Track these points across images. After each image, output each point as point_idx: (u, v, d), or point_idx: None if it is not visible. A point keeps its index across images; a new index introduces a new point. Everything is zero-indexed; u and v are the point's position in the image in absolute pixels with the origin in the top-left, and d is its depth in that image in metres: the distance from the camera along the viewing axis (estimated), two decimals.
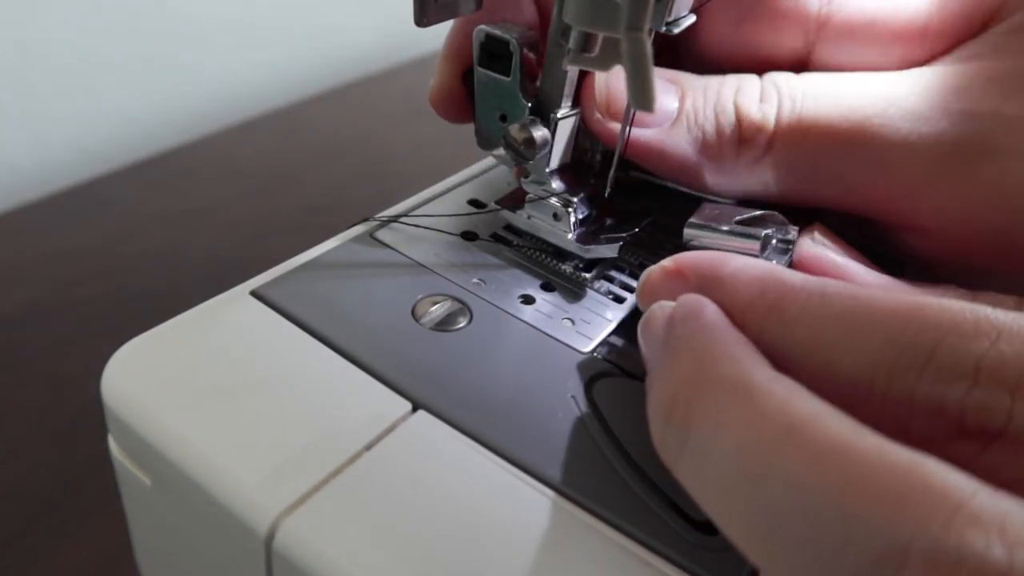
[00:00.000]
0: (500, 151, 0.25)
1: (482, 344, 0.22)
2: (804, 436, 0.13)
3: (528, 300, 0.24)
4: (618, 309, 0.24)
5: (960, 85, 0.22)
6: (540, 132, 0.23)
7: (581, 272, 0.25)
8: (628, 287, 0.25)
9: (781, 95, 0.23)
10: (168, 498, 0.20)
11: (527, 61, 0.23)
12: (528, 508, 0.17)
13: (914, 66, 0.24)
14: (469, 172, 0.30)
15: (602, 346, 0.22)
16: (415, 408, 0.19)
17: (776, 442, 0.13)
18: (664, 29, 0.22)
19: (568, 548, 0.17)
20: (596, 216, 0.26)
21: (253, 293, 0.22)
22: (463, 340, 0.22)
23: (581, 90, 0.24)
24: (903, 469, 0.12)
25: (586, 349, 0.22)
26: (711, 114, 0.24)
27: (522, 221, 0.26)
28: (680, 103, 0.24)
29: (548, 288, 0.24)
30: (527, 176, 0.25)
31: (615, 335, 0.23)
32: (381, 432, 0.19)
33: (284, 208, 0.54)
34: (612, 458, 0.19)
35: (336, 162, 0.61)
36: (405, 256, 0.25)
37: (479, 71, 0.24)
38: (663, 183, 0.27)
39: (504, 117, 0.24)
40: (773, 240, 0.22)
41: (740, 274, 0.17)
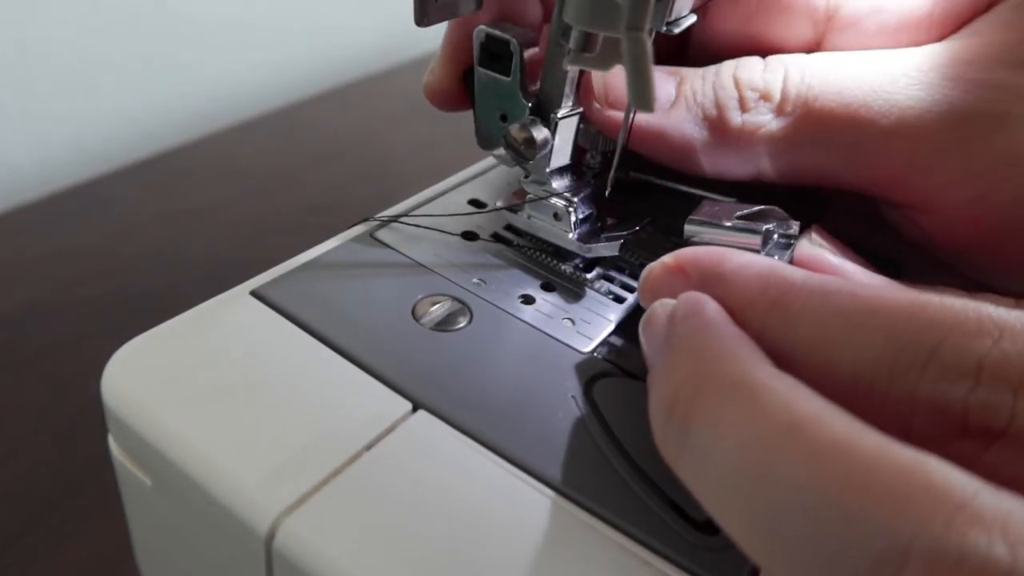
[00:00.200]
0: (500, 151, 0.25)
1: (482, 344, 0.22)
2: (805, 435, 0.13)
3: (528, 300, 0.24)
4: (618, 309, 0.24)
5: (969, 57, 0.22)
6: (540, 132, 0.23)
7: (581, 272, 0.25)
8: (628, 287, 0.25)
9: (788, 67, 0.23)
10: (168, 498, 0.20)
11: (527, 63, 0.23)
12: (528, 508, 0.17)
13: None
14: (469, 172, 0.30)
15: (602, 346, 0.22)
16: (415, 408, 0.19)
17: (777, 441, 0.13)
18: (664, 29, 0.22)
19: (568, 548, 0.17)
20: (596, 216, 0.26)
21: (253, 293, 0.22)
22: (463, 340, 0.22)
23: (581, 82, 0.24)
24: (905, 468, 0.12)
25: (586, 349, 0.22)
26: (710, 91, 0.24)
27: (522, 221, 0.26)
28: (678, 88, 0.24)
29: (548, 288, 0.24)
30: (528, 176, 0.25)
31: (615, 335, 0.23)
32: (381, 432, 0.19)
33: (284, 208, 0.54)
34: (612, 458, 0.19)
35: (336, 162, 0.60)
36: (405, 256, 0.25)
37: (479, 71, 0.24)
38: (663, 183, 0.27)
39: (504, 117, 0.24)
40: (774, 235, 0.22)
41: (742, 271, 0.17)
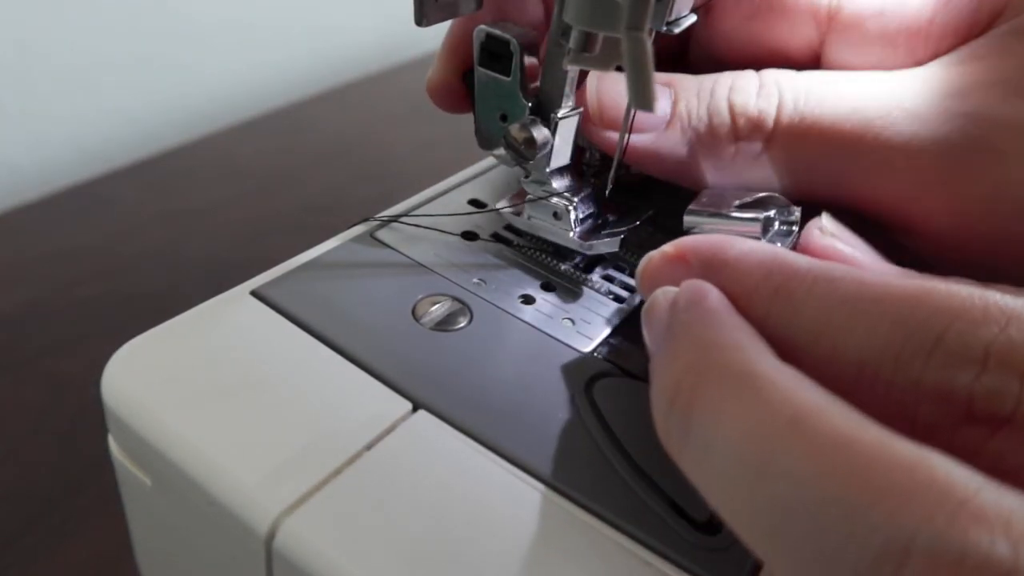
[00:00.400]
0: (500, 151, 0.25)
1: (482, 344, 0.22)
2: (808, 428, 0.13)
3: (528, 300, 0.24)
4: (618, 309, 0.24)
5: (963, 87, 0.22)
6: (540, 132, 0.23)
7: (581, 272, 0.25)
8: (628, 287, 0.25)
9: (782, 92, 0.23)
10: (168, 498, 0.20)
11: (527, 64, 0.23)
12: (528, 508, 0.17)
13: (920, 62, 0.23)
14: (469, 172, 0.30)
15: (602, 346, 0.22)
16: (415, 408, 0.19)
17: (779, 433, 0.13)
18: (664, 29, 0.22)
19: (568, 548, 0.17)
20: (597, 214, 0.26)
21: (253, 293, 0.22)
22: (463, 340, 0.22)
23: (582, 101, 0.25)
24: (908, 463, 0.12)
25: (586, 349, 0.22)
26: (704, 114, 0.23)
27: (522, 221, 0.26)
28: (673, 106, 0.24)
29: (548, 288, 0.24)
30: (528, 176, 0.25)
31: (615, 335, 0.23)
32: (381, 432, 0.19)
33: (284, 208, 0.54)
34: (612, 458, 0.19)
35: (336, 162, 0.60)
36: (405, 256, 0.25)
37: (479, 71, 0.24)
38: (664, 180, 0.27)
39: (504, 117, 0.24)
40: (775, 222, 0.22)
41: (745, 257, 0.17)
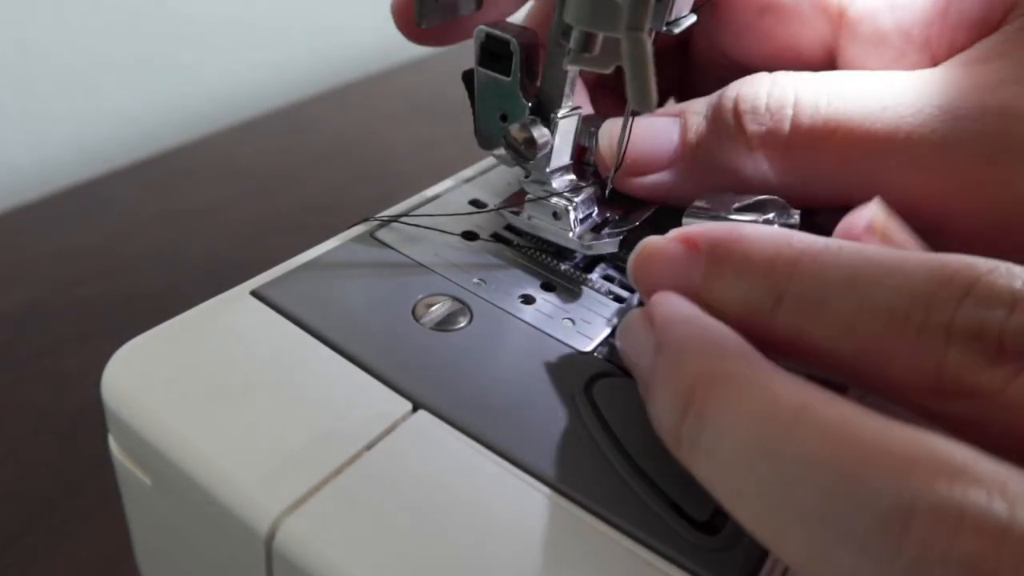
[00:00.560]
0: (500, 151, 0.25)
1: (482, 344, 0.22)
2: (816, 414, 0.13)
3: (528, 300, 0.24)
4: (618, 309, 0.24)
5: (991, 83, 0.21)
6: (541, 132, 0.23)
7: (581, 272, 0.25)
8: (628, 287, 0.25)
9: (799, 94, 0.22)
10: (168, 498, 0.20)
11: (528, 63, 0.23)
12: (528, 508, 0.17)
13: (936, 57, 0.23)
14: (469, 172, 0.30)
15: (602, 346, 0.22)
16: (415, 408, 0.19)
17: (790, 420, 0.13)
18: (664, 29, 0.22)
19: (568, 548, 0.17)
20: (597, 214, 0.26)
21: (253, 293, 0.22)
22: (463, 340, 0.22)
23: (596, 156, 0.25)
24: (909, 440, 0.12)
25: (586, 349, 0.22)
26: (714, 138, 0.23)
27: (522, 221, 0.26)
28: (683, 134, 0.24)
29: (548, 288, 0.24)
30: (528, 176, 0.25)
31: (615, 335, 0.23)
32: (381, 432, 0.19)
33: (284, 208, 0.54)
34: (612, 458, 0.19)
35: (336, 162, 0.60)
36: (405, 256, 0.25)
37: (479, 71, 0.24)
38: None
39: (504, 117, 0.24)
40: (775, 225, 0.22)
41: (760, 231, 0.17)
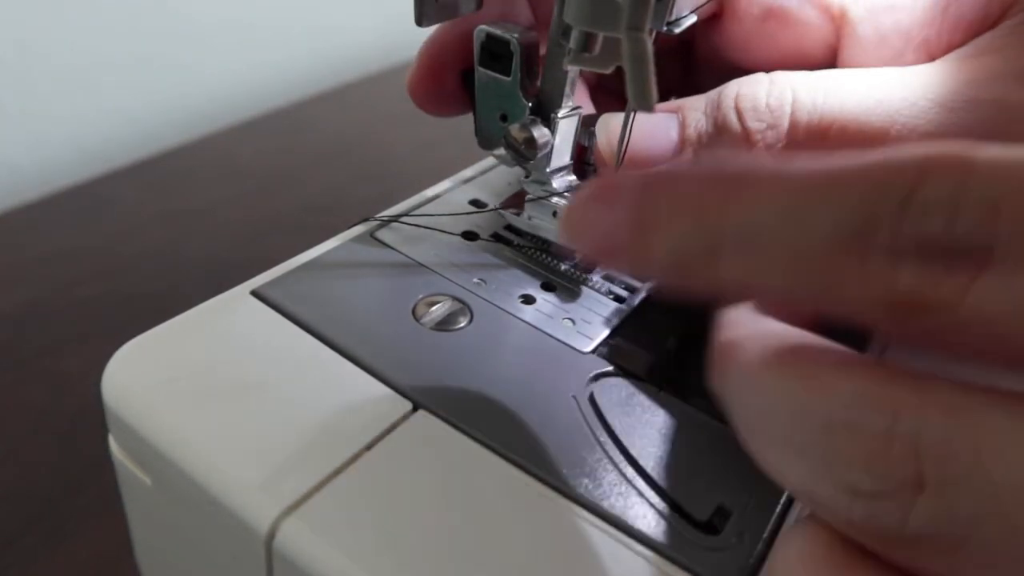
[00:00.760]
0: (501, 151, 0.25)
1: (482, 344, 0.22)
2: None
3: (528, 300, 0.24)
4: (618, 309, 0.24)
5: (986, 77, 0.21)
6: (541, 132, 0.23)
7: (581, 272, 0.25)
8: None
9: (796, 90, 0.22)
10: (168, 498, 0.20)
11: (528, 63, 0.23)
12: (528, 507, 0.17)
13: (934, 56, 0.23)
14: (469, 172, 0.30)
15: (602, 346, 0.22)
16: (415, 408, 0.19)
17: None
18: (665, 29, 0.22)
19: (568, 547, 0.17)
20: None
21: (253, 293, 0.22)
22: (463, 340, 0.22)
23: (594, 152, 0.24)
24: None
25: (587, 349, 0.22)
26: (712, 128, 0.23)
27: (522, 221, 0.26)
28: (682, 130, 0.24)
29: (548, 288, 0.24)
30: (528, 176, 0.25)
31: (615, 335, 0.23)
32: (381, 432, 0.19)
33: (284, 208, 0.54)
34: (613, 457, 0.19)
35: (336, 162, 0.60)
36: (405, 256, 0.25)
37: (479, 71, 0.24)
38: None
39: (504, 117, 0.24)
40: None
41: (686, 167, 0.15)
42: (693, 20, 0.24)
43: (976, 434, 0.11)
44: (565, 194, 0.25)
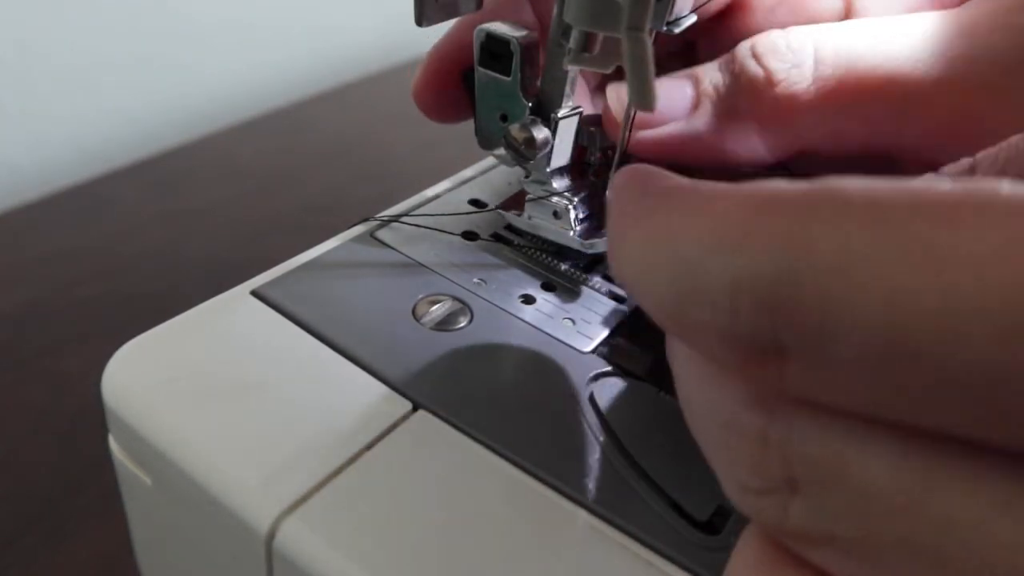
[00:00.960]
0: (501, 151, 0.25)
1: (482, 344, 0.22)
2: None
3: (529, 300, 0.24)
4: (618, 309, 0.24)
5: (1010, 6, 0.21)
6: (541, 132, 0.23)
7: (581, 272, 0.25)
8: None
9: (815, 32, 0.22)
10: (168, 498, 0.20)
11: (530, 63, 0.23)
12: (528, 508, 0.17)
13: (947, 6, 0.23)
14: (469, 172, 0.30)
15: (602, 346, 0.22)
16: (415, 408, 0.19)
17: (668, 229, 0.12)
18: (665, 29, 0.22)
19: (568, 547, 0.17)
20: (597, 214, 0.26)
21: (253, 293, 0.22)
22: (463, 340, 0.22)
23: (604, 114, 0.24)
24: None
25: (587, 349, 0.22)
26: (730, 79, 0.23)
27: (523, 221, 0.26)
28: (696, 88, 0.23)
29: (549, 288, 0.24)
30: (528, 176, 0.25)
31: (615, 335, 0.23)
32: (381, 432, 0.19)
33: (284, 208, 0.54)
34: (612, 458, 0.19)
35: (336, 162, 0.60)
36: (405, 256, 0.25)
37: (479, 71, 0.24)
38: None
39: (504, 117, 0.24)
40: None
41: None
42: (693, 20, 0.24)
43: (840, 442, 0.11)
44: (565, 194, 0.25)
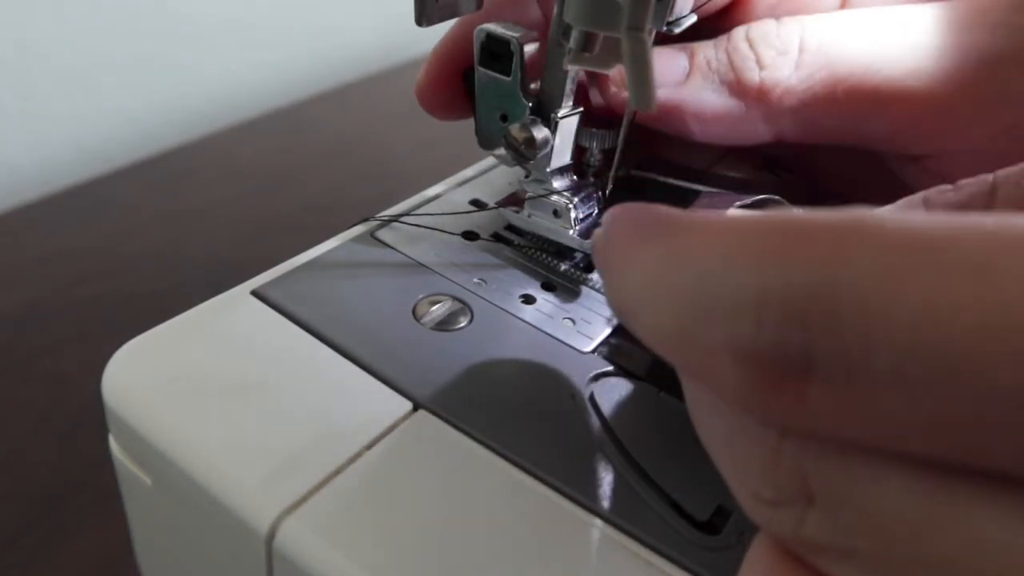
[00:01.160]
0: (501, 151, 0.25)
1: (483, 344, 0.22)
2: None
3: (529, 300, 0.24)
4: None
5: (986, 6, 0.22)
6: (541, 132, 0.23)
7: (582, 272, 0.25)
8: None
9: (803, 23, 0.24)
10: (168, 498, 0.20)
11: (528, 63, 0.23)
12: (528, 507, 0.17)
13: None
14: (469, 172, 0.30)
15: (603, 346, 0.22)
16: (415, 408, 0.19)
17: (680, 252, 0.12)
18: (665, 29, 0.22)
19: (568, 547, 0.17)
20: (597, 214, 0.26)
21: (254, 293, 0.22)
22: (464, 340, 0.22)
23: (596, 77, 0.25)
24: None
25: (587, 349, 0.22)
26: (724, 56, 0.24)
27: (523, 220, 0.26)
28: (691, 59, 0.25)
29: (549, 288, 0.24)
30: (528, 176, 0.25)
31: (616, 335, 0.23)
32: (381, 432, 0.19)
33: (284, 208, 0.54)
34: (613, 458, 0.19)
35: (336, 162, 0.60)
36: (406, 256, 0.25)
37: (480, 71, 0.24)
38: (666, 180, 0.27)
39: (504, 117, 0.24)
40: None
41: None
42: (693, 19, 0.24)
43: (859, 464, 0.10)
44: (565, 194, 0.25)
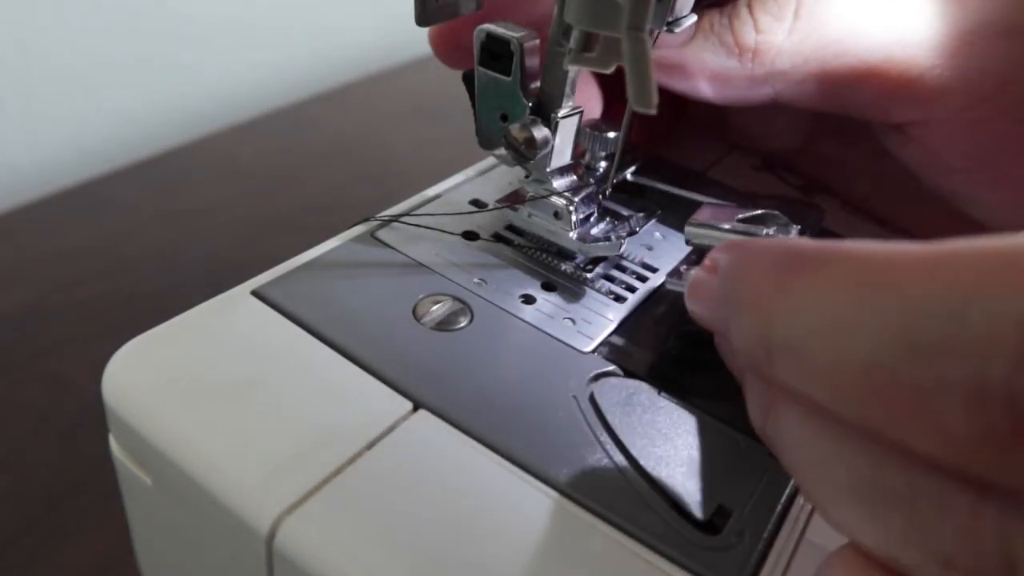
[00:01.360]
0: (501, 151, 0.25)
1: (483, 344, 0.22)
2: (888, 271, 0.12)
3: (529, 300, 0.24)
4: (619, 309, 0.24)
5: None
6: (541, 132, 0.23)
7: (582, 272, 0.25)
8: (629, 287, 0.25)
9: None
10: (168, 498, 0.20)
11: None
12: (529, 507, 0.17)
13: None
14: (469, 172, 0.30)
15: (603, 346, 0.22)
16: (416, 408, 0.19)
17: (869, 285, 0.12)
18: (665, 29, 0.23)
19: (569, 547, 0.17)
20: (597, 215, 0.26)
21: (254, 293, 0.22)
22: (464, 340, 0.22)
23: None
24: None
25: (587, 349, 0.22)
26: (725, 20, 0.25)
27: (523, 220, 0.26)
28: (696, 24, 0.26)
29: (549, 288, 0.24)
30: (528, 176, 0.25)
31: (616, 335, 0.23)
32: (381, 432, 0.19)
33: (284, 208, 0.54)
34: (613, 458, 0.19)
35: (336, 162, 0.60)
36: (406, 256, 0.25)
37: (480, 71, 0.24)
38: (666, 188, 0.27)
39: (505, 117, 0.24)
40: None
41: (761, 243, 0.16)
42: (694, 19, 0.24)
43: None
44: (565, 194, 0.25)
